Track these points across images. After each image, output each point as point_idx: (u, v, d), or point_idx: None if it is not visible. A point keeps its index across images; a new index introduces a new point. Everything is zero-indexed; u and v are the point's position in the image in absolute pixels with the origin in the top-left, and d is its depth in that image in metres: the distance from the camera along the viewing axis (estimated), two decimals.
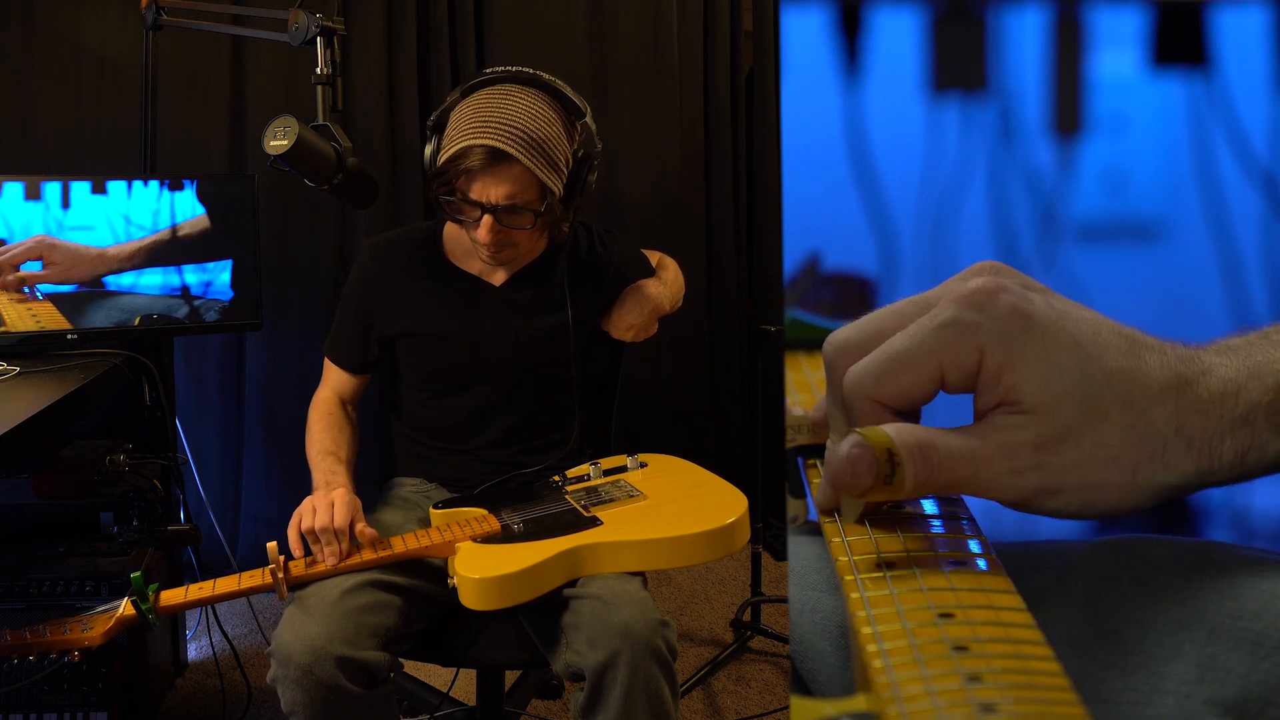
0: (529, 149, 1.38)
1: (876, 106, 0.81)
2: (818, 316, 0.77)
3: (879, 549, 0.54)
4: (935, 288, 0.58)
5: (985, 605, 0.48)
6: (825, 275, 0.80)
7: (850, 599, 0.50)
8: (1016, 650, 0.45)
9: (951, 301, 0.55)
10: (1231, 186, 0.79)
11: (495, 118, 1.38)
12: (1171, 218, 0.82)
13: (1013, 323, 0.53)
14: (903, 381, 0.55)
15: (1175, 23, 0.78)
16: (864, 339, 0.58)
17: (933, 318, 0.55)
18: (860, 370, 0.56)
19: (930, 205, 0.82)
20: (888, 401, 0.55)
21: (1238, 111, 0.78)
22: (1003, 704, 0.41)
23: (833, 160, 0.81)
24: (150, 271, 1.85)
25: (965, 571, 0.52)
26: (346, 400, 1.62)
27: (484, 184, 1.39)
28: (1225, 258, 0.79)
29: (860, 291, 0.81)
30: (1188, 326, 0.57)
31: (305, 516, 1.30)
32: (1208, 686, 0.49)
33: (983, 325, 0.54)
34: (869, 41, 0.80)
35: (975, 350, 0.54)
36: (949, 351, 0.54)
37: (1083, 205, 0.82)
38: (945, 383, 0.55)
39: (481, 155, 1.37)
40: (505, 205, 1.40)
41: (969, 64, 0.80)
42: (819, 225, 0.82)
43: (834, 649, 0.57)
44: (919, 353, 0.55)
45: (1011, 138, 0.81)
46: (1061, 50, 0.80)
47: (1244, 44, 0.78)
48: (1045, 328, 0.53)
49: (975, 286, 0.55)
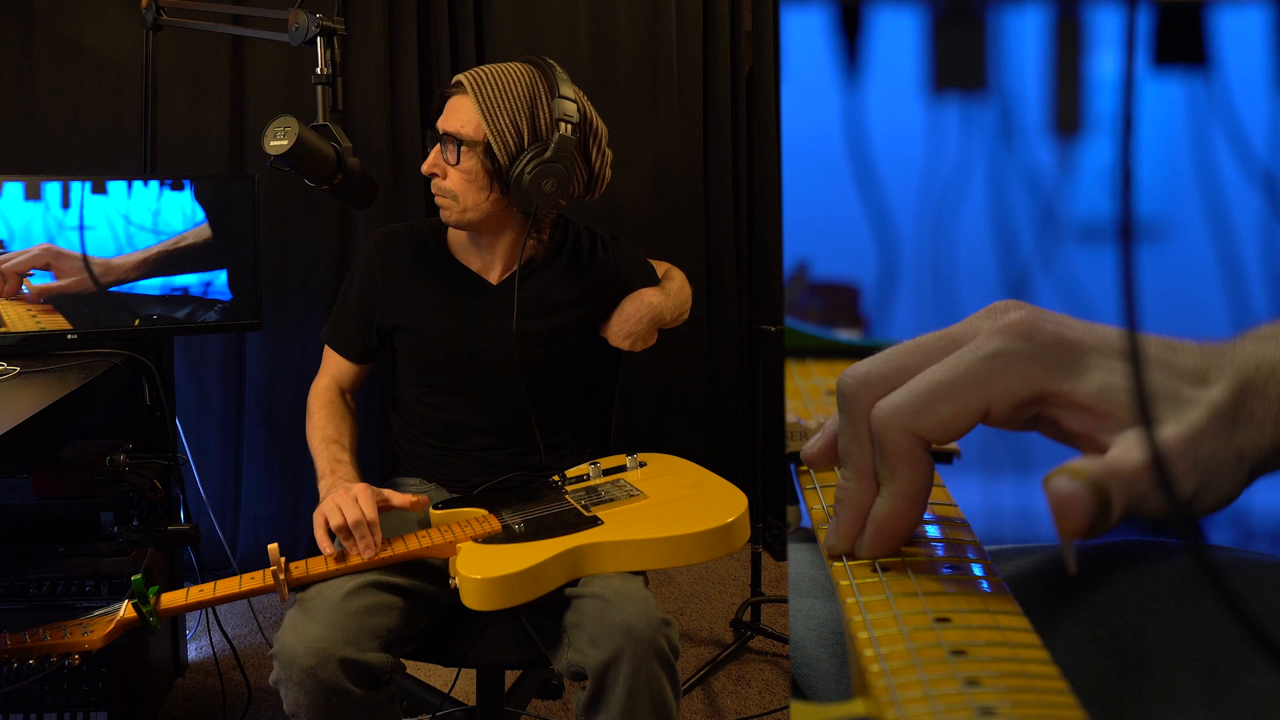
0: (480, 87, 1.46)
1: (876, 106, 0.81)
2: (809, 324, 0.77)
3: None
4: (960, 323, 0.57)
5: (981, 610, 0.48)
6: (813, 283, 0.80)
7: (846, 604, 0.50)
8: (1014, 654, 0.45)
9: (995, 332, 0.55)
10: (1231, 186, 0.79)
11: (473, 69, 1.51)
12: (1171, 218, 0.82)
13: (1062, 348, 0.54)
14: (943, 413, 0.54)
15: (1175, 23, 0.78)
16: (889, 373, 0.57)
17: (976, 348, 0.55)
18: (897, 402, 0.55)
19: (930, 205, 0.82)
20: (925, 434, 0.55)
21: (1238, 111, 0.78)
22: (1001, 707, 0.41)
23: (833, 160, 0.81)
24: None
25: (960, 576, 0.52)
26: (346, 389, 1.62)
27: (444, 116, 1.50)
28: (1225, 258, 0.79)
29: (850, 299, 0.81)
30: (1188, 326, 0.57)
31: (333, 515, 1.30)
32: (1207, 693, 0.48)
33: (1033, 354, 0.54)
34: (869, 41, 0.80)
35: (1028, 380, 0.54)
36: (998, 382, 0.54)
37: (1083, 205, 0.82)
38: (990, 414, 0.55)
39: (447, 90, 1.51)
40: (448, 134, 1.49)
41: (969, 64, 0.80)
42: (819, 225, 0.82)
43: (829, 655, 0.56)
44: (965, 383, 0.54)
45: (1011, 138, 0.81)
46: (1061, 50, 0.80)
47: (1244, 44, 0.78)
48: (1094, 345, 0.54)
49: (1017, 317, 0.55)
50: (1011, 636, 0.46)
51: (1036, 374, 0.54)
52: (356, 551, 1.29)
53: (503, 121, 1.45)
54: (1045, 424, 0.56)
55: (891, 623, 0.47)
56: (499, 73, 1.48)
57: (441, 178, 1.50)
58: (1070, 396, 0.54)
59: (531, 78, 1.48)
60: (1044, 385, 0.54)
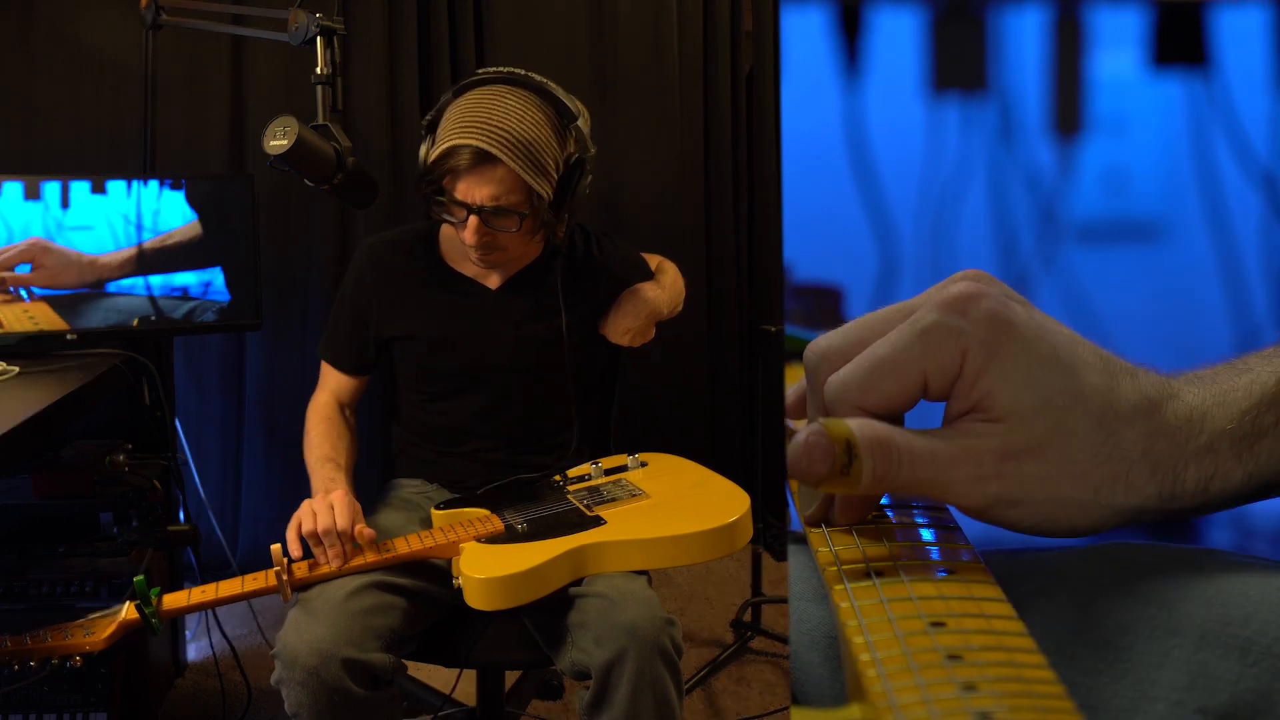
0: (514, 151, 1.37)
1: (876, 106, 0.81)
2: (793, 327, 0.77)
3: (866, 557, 0.54)
4: (918, 295, 0.57)
5: (976, 614, 0.48)
6: (796, 286, 0.80)
7: (840, 608, 0.50)
8: (1010, 658, 0.45)
9: (934, 307, 0.54)
10: (1231, 186, 0.79)
11: (483, 118, 1.38)
12: (1171, 218, 0.82)
13: (994, 329, 0.53)
14: (886, 388, 0.54)
15: (1175, 23, 0.78)
16: (846, 346, 0.57)
17: (914, 323, 0.54)
18: (843, 377, 0.55)
19: (930, 205, 0.82)
20: (871, 408, 0.55)
21: (1238, 111, 0.78)
22: (999, 712, 0.41)
23: (833, 160, 0.81)
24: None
25: (954, 580, 0.52)
26: (345, 404, 1.62)
27: (469, 184, 1.39)
28: (1225, 258, 0.79)
29: (833, 302, 0.81)
30: (1188, 326, 0.57)
31: (305, 520, 1.30)
32: (1198, 694, 0.48)
33: (965, 330, 0.53)
34: (869, 41, 0.81)
35: (958, 355, 0.53)
36: (932, 357, 0.53)
37: (1083, 205, 0.82)
38: (928, 389, 0.54)
39: (468, 156, 1.37)
40: (490, 207, 1.40)
41: (969, 64, 0.80)
42: (819, 225, 0.82)
43: (822, 660, 0.56)
44: (902, 359, 0.54)
45: (1011, 138, 0.81)
46: (1061, 50, 0.80)
47: (1244, 44, 0.78)
48: (1026, 337, 0.53)
49: (957, 292, 0.54)
50: (1007, 641, 0.46)
51: (965, 347, 0.53)
52: (325, 560, 1.29)
53: (544, 175, 1.42)
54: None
55: (887, 627, 0.47)
56: (520, 125, 1.38)
57: (494, 243, 1.46)
58: (968, 375, 0.53)
59: (541, 111, 1.42)
60: (965, 364, 0.53)
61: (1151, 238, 0.83)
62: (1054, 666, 0.44)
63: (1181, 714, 0.48)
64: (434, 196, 1.43)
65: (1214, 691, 0.48)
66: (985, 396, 0.53)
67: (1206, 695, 0.48)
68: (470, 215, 1.41)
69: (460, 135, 1.38)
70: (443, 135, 1.41)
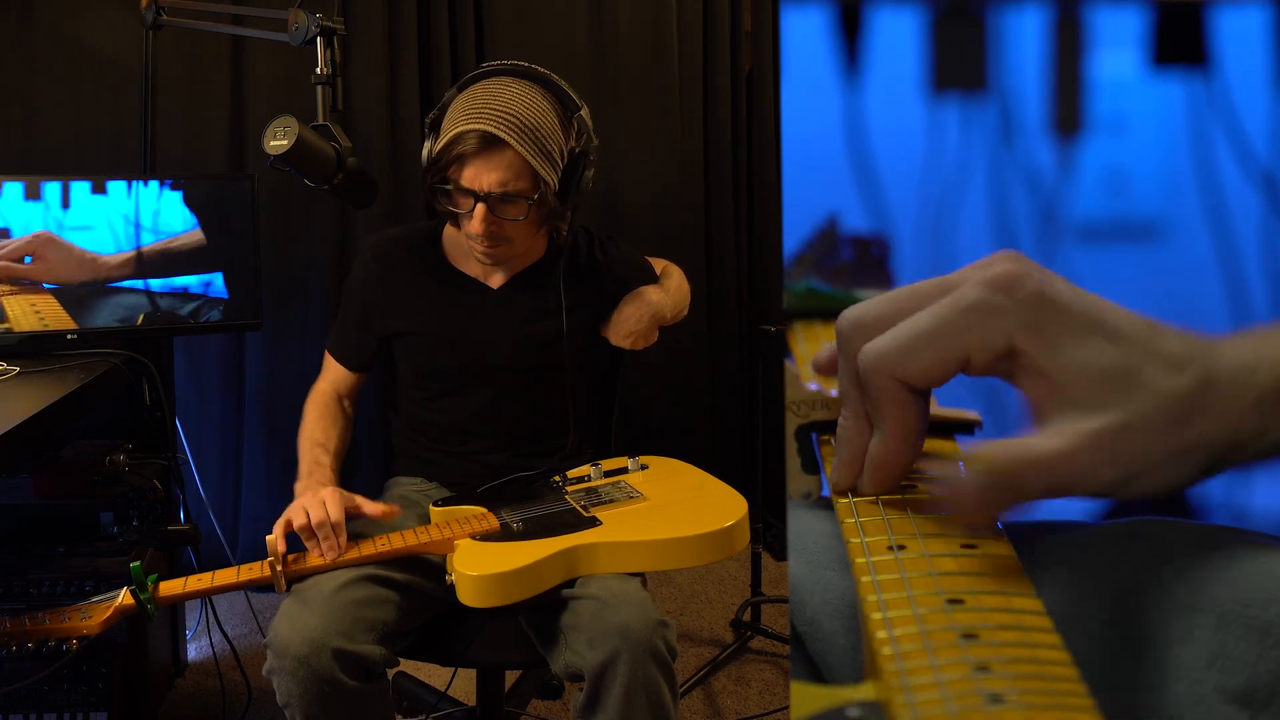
0: (522, 135, 1.37)
1: (876, 106, 0.81)
2: (833, 286, 0.77)
3: (891, 530, 0.54)
4: (955, 272, 0.58)
5: (995, 591, 0.48)
6: (845, 237, 0.80)
7: (861, 582, 0.50)
8: (1025, 638, 0.45)
9: (978, 284, 0.55)
10: (1231, 186, 0.79)
11: (490, 105, 1.38)
12: (1171, 218, 0.82)
13: (1041, 308, 0.54)
14: (925, 359, 0.55)
15: (1175, 23, 0.78)
16: (882, 316, 0.58)
17: (958, 299, 0.55)
18: (881, 346, 0.56)
19: (930, 205, 0.82)
20: (908, 379, 0.56)
21: (1238, 111, 0.78)
22: (1010, 694, 0.41)
23: (833, 160, 0.81)
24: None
25: (976, 555, 0.52)
26: (344, 395, 1.62)
27: (476, 170, 1.38)
28: (1225, 258, 0.79)
29: (880, 254, 0.81)
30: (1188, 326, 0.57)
31: (297, 516, 1.30)
32: (1217, 674, 0.49)
33: (1010, 310, 0.54)
34: (869, 41, 0.80)
35: (1002, 334, 0.54)
36: (975, 333, 0.55)
37: (1083, 205, 0.82)
38: (969, 364, 0.55)
39: (475, 140, 1.36)
40: (498, 193, 1.39)
41: (969, 64, 0.80)
42: (819, 225, 0.82)
43: (844, 630, 0.56)
44: (945, 332, 0.55)
45: (1011, 138, 0.81)
46: (1061, 50, 0.80)
47: (1244, 44, 0.78)
48: (1074, 312, 0.54)
49: (1001, 270, 0.55)
50: (1024, 620, 0.46)
51: (1010, 328, 0.54)
52: (319, 553, 1.29)
53: (550, 162, 1.41)
54: (1015, 379, 0.57)
55: (905, 604, 0.47)
56: (526, 111, 1.38)
57: (500, 234, 1.45)
58: (1032, 359, 0.54)
59: (546, 101, 1.42)
60: (1014, 342, 0.54)
61: (1152, 238, 0.83)
62: (1074, 643, 0.44)
63: (1200, 693, 0.48)
64: (439, 187, 1.43)
65: (1233, 672, 0.48)
66: (1060, 374, 0.54)
67: (1225, 675, 0.48)
68: (478, 203, 1.40)
69: (467, 121, 1.37)
70: (449, 124, 1.41)
